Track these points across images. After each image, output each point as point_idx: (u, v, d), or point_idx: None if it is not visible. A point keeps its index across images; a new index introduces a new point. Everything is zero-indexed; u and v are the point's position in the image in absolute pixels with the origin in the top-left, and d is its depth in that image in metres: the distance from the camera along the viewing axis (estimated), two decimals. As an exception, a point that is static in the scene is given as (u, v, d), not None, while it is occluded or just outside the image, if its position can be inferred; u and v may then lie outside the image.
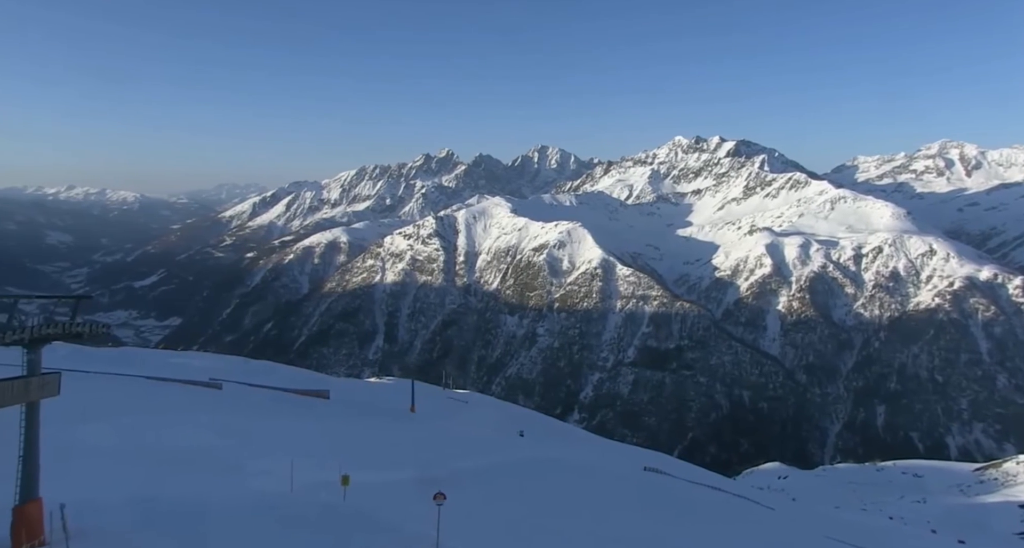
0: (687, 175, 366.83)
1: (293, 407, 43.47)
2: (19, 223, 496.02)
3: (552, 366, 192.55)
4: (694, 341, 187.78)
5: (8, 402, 11.80)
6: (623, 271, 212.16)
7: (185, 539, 13.61)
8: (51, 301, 16.33)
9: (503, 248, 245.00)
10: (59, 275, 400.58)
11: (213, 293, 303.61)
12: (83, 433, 23.12)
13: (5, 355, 13.05)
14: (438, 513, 15.12)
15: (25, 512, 11.96)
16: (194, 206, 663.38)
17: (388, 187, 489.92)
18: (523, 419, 63.83)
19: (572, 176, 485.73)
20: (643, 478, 38.99)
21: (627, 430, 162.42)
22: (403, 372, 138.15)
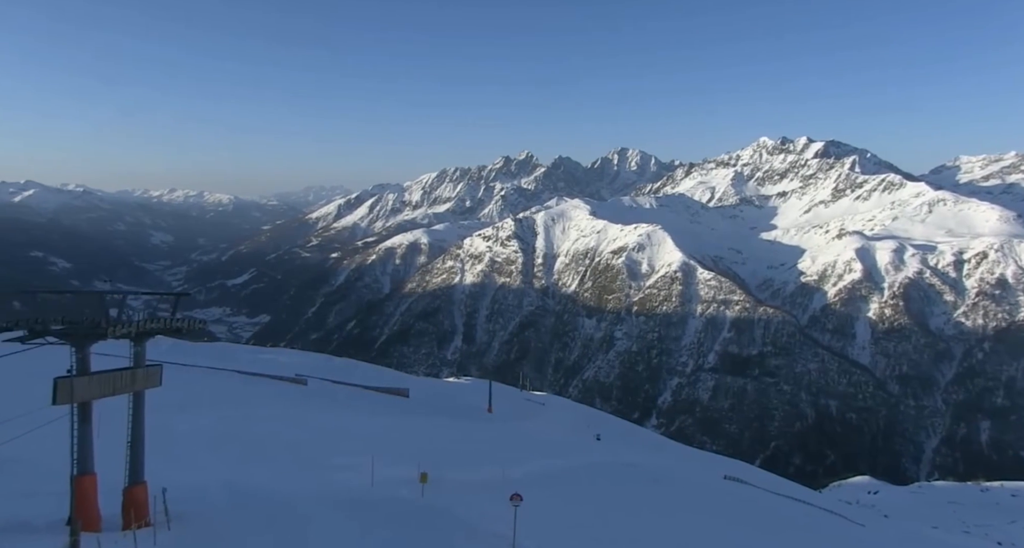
0: (772, 177, 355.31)
1: (374, 404, 44.64)
2: (128, 224, 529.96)
3: (630, 370, 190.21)
4: (778, 348, 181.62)
5: (118, 391, 12.65)
6: (704, 275, 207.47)
7: (273, 527, 14.20)
8: (154, 297, 17.36)
9: (581, 250, 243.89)
10: (161, 273, 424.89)
11: (300, 292, 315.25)
12: (180, 422, 24.47)
13: (112, 347, 13.95)
14: (514, 514, 15.20)
15: (133, 494, 12.79)
16: (283, 208, 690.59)
17: (468, 189, 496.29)
18: (600, 423, 63.38)
19: (652, 178, 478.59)
20: (723, 487, 38.01)
21: (706, 437, 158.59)
22: (481, 373, 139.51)
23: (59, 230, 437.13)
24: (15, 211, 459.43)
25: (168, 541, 11.95)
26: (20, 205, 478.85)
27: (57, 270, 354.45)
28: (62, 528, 10.84)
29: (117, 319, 12.56)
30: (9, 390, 19.37)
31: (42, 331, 12.00)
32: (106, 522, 12.36)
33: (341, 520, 15.17)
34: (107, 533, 11.63)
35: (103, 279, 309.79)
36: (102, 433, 12.66)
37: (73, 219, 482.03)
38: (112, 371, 12.65)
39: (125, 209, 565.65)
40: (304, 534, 13.92)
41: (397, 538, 14.49)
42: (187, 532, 12.68)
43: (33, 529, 11.31)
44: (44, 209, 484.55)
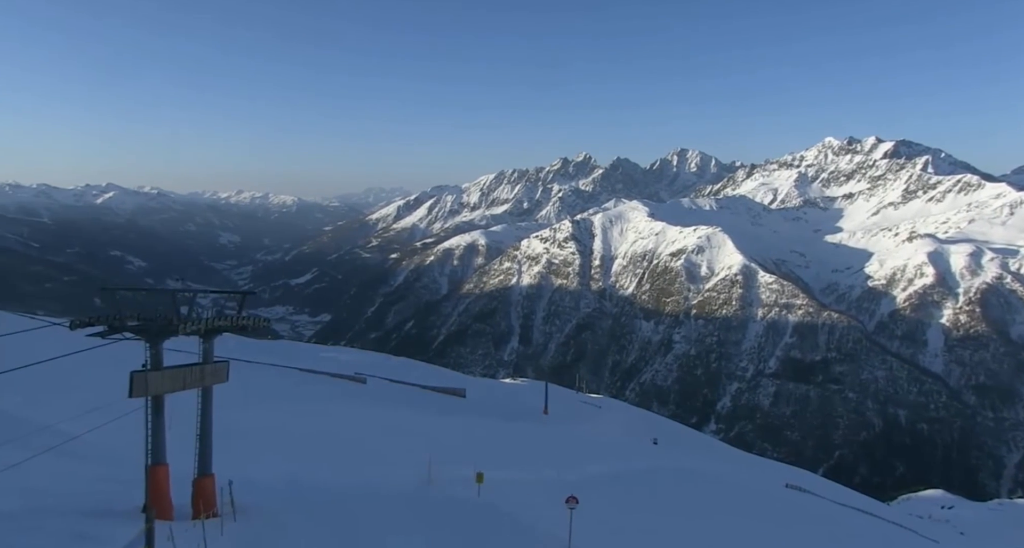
0: (837, 178, 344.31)
1: (431, 403, 45.12)
2: (198, 224, 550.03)
3: (688, 374, 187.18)
4: (843, 354, 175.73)
5: (188, 386, 13.13)
6: (765, 278, 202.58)
7: (332, 522, 14.50)
8: (222, 296, 17.97)
9: (639, 253, 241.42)
10: (228, 272, 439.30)
11: (360, 292, 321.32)
12: (244, 417, 25.22)
13: (182, 344, 14.48)
14: (570, 516, 15.14)
15: (202, 485, 13.26)
16: (344, 209, 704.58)
17: (525, 191, 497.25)
18: (657, 426, 62.53)
19: (712, 180, 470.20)
20: (784, 495, 37.00)
21: (767, 444, 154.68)
22: (537, 374, 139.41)
23: (136, 230, 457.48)
24: (97, 212, 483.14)
25: (234, 532, 12.33)
26: (102, 206, 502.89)
27: (133, 269, 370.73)
28: (138, 515, 11.31)
29: (188, 316, 13.04)
30: (91, 382, 20.33)
31: (119, 327, 12.55)
32: (177, 511, 12.85)
33: (399, 517, 15.38)
34: (178, 522, 12.07)
35: (175, 278, 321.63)
36: (172, 426, 13.16)
37: (148, 220, 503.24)
38: (182, 366, 13.14)
39: (196, 210, 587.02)
40: (362, 530, 14.17)
41: (453, 537, 14.60)
42: (252, 524, 13.06)
43: (114, 515, 11.83)
44: (123, 210, 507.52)
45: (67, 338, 12.91)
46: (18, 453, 13.00)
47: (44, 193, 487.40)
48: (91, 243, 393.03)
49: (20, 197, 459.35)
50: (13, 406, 20.48)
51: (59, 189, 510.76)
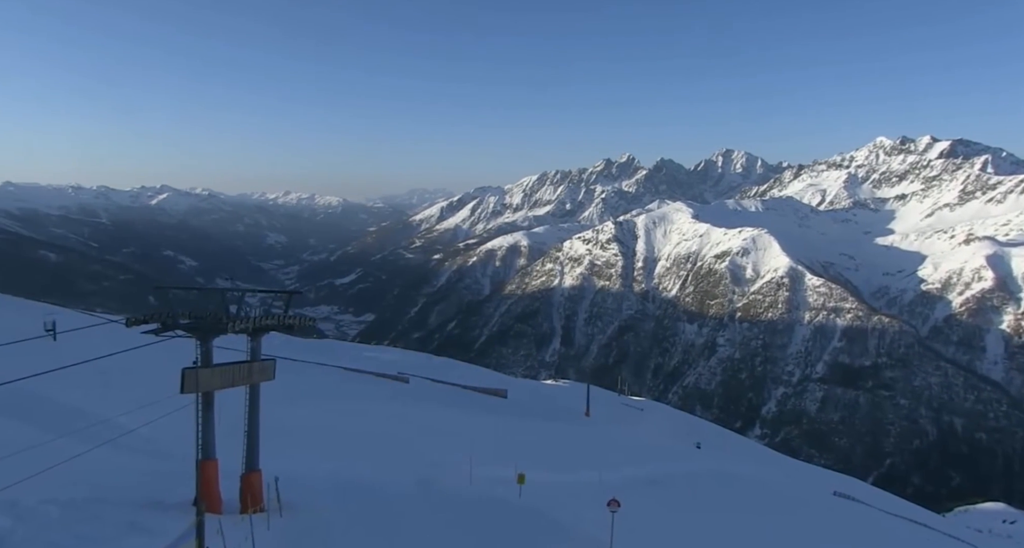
0: (889, 179, 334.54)
1: (473, 403, 45.30)
2: (247, 225, 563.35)
3: (732, 378, 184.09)
4: (894, 359, 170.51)
5: (236, 383, 13.46)
6: (813, 281, 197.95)
7: (375, 520, 14.68)
8: (269, 295, 18.38)
9: (683, 254, 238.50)
10: (275, 272, 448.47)
11: (403, 292, 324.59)
12: (290, 415, 25.70)
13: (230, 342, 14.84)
14: (612, 519, 15.03)
15: (250, 480, 13.58)
16: (388, 210, 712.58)
17: (568, 192, 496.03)
18: (700, 430, 61.70)
19: (758, 181, 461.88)
20: (832, 503, 36.11)
21: (814, 450, 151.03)
22: (579, 376, 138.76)
23: (187, 230, 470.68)
24: (152, 213, 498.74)
25: (280, 527, 12.58)
26: (156, 208, 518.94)
27: (185, 268, 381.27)
28: (189, 507, 11.62)
29: (236, 315, 13.36)
30: (145, 377, 20.98)
31: (172, 325, 12.93)
32: (225, 505, 13.17)
33: (440, 516, 15.48)
34: (226, 516, 12.37)
35: (224, 277, 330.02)
36: (221, 422, 13.50)
37: (199, 220, 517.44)
38: (231, 364, 13.47)
39: (244, 211, 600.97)
40: (404, 528, 14.31)
41: (494, 538, 14.64)
42: (297, 519, 13.31)
43: (165, 507, 12.19)
44: (175, 211, 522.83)
45: (123, 335, 13.33)
46: (79, 445, 13.51)
47: (103, 194, 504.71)
48: (146, 243, 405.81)
49: (81, 198, 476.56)
50: (74, 399, 21.27)
51: (117, 190, 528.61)
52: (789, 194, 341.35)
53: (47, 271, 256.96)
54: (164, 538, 9.00)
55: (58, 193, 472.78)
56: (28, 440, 13.51)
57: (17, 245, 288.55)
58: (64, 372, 12.57)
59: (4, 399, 15.43)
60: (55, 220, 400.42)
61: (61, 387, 20.52)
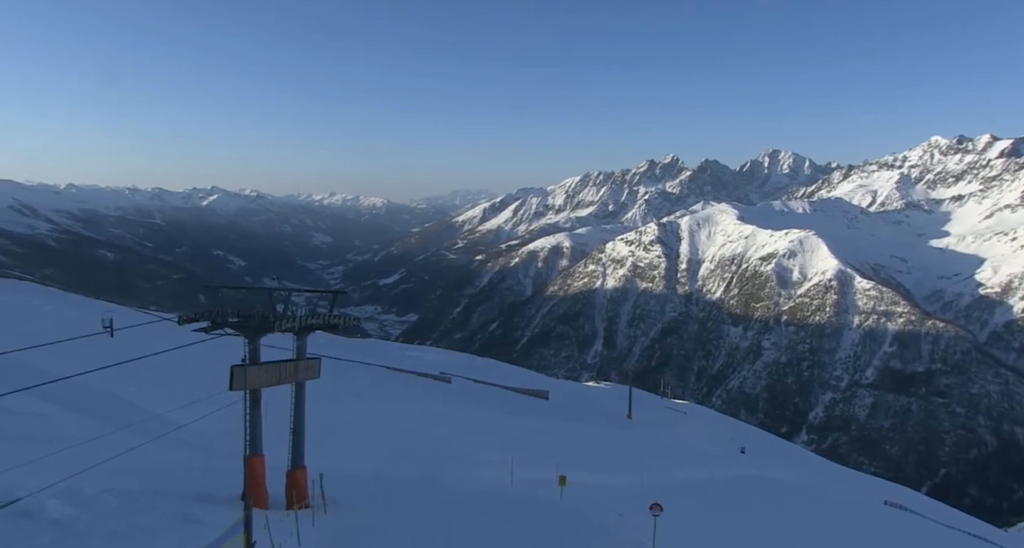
0: (945, 179, 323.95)
1: (514, 404, 45.39)
2: (293, 226, 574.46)
3: (778, 382, 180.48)
4: (949, 365, 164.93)
5: (283, 380, 13.73)
6: (862, 284, 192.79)
7: (417, 518, 14.81)
8: (314, 295, 18.73)
9: (728, 256, 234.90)
10: (321, 272, 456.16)
11: (445, 292, 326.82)
12: (334, 413, 26.12)
13: (276, 340, 15.17)
14: (654, 523, 14.91)
15: (295, 476, 13.85)
16: (431, 211, 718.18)
17: (611, 193, 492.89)
18: (745, 435, 60.67)
19: (806, 182, 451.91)
20: (882, 513, 35.10)
21: (863, 457, 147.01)
22: (621, 378, 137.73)
23: (237, 231, 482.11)
24: (202, 214, 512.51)
25: (325, 523, 12.79)
26: (206, 209, 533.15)
27: (234, 267, 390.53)
28: (237, 502, 11.91)
29: (283, 314, 13.64)
30: (195, 374, 21.57)
31: (221, 323, 13.28)
32: (271, 500, 13.46)
33: (481, 517, 15.54)
34: (273, 511, 12.64)
35: (271, 277, 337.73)
36: (268, 419, 13.80)
37: (248, 221, 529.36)
38: (279, 362, 13.76)
39: (291, 212, 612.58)
40: (445, 526, 14.41)
41: (535, 539, 14.63)
42: (341, 516, 13.52)
43: (215, 501, 12.52)
44: (225, 212, 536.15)
45: (175, 332, 13.73)
46: (135, 438, 13.97)
47: (157, 196, 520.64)
48: (197, 243, 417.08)
49: (137, 200, 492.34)
50: (129, 394, 22.02)
51: (170, 192, 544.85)
52: (838, 195, 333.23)
53: (105, 270, 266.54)
54: (214, 530, 9.22)
55: (116, 195, 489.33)
56: (89, 432, 14.03)
57: (79, 244, 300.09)
58: (120, 368, 13.01)
59: (67, 393, 16.06)
60: (113, 221, 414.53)
61: (118, 382, 21.27)
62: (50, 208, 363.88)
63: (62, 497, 10.34)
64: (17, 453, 11.80)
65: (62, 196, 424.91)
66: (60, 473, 10.35)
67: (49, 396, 16.18)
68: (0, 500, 9.50)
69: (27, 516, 9.62)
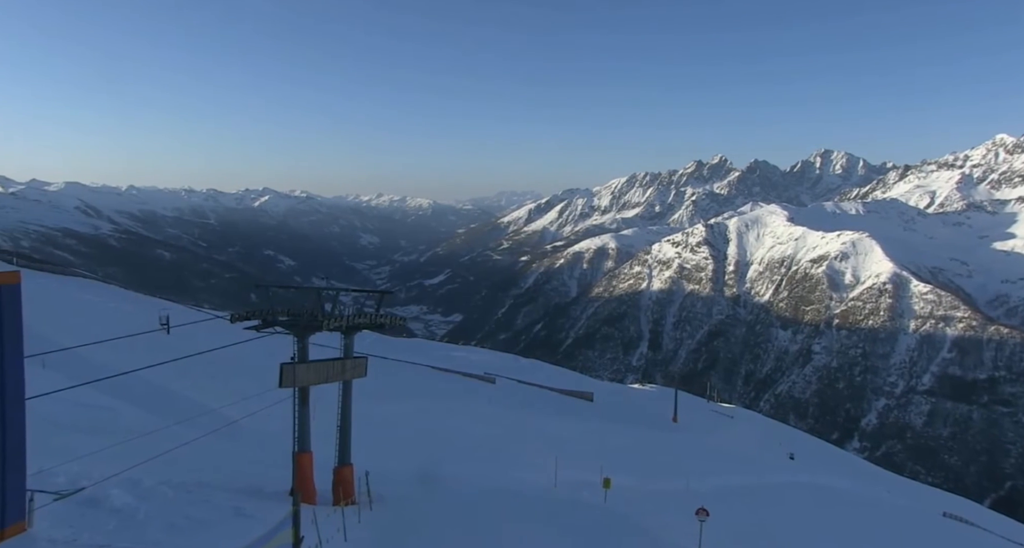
0: (1011, 179, 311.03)
1: (558, 406, 45.32)
2: (341, 226, 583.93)
3: (829, 387, 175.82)
4: (1014, 373, 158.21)
5: (331, 379, 13.99)
6: (919, 288, 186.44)
7: (461, 516, 14.91)
8: (362, 295, 19.02)
9: (777, 258, 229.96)
10: (368, 272, 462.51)
11: (490, 293, 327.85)
12: (380, 412, 26.48)
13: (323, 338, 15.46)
14: (700, 529, 14.72)
15: (342, 474, 14.10)
16: (477, 212, 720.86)
17: (658, 194, 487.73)
18: (794, 441, 59.36)
19: (860, 182, 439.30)
20: (941, 525, 33.92)
21: (920, 467, 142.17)
22: (666, 380, 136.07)
23: (286, 231, 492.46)
24: (254, 214, 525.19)
25: (371, 520, 12.98)
26: (258, 209, 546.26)
27: (284, 267, 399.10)
28: (286, 497, 12.19)
29: (331, 313, 13.91)
30: (247, 371, 22.14)
31: (272, 321, 13.62)
32: (319, 497, 13.73)
33: (525, 518, 15.56)
34: (320, 507, 12.89)
35: (320, 277, 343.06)
36: (317, 417, 14.09)
37: (298, 221, 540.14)
38: (326, 360, 14.03)
39: (339, 212, 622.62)
40: (490, 527, 14.47)
41: (578, 541, 14.58)
42: (386, 514, 13.70)
43: (264, 495, 12.84)
44: (276, 212, 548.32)
45: (227, 329, 14.13)
46: (190, 432, 14.42)
47: (211, 197, 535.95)
48: (248, 243, 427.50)
49: (193, 201, 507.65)
50: (184, 389, 22.71)
51: (224, 193, 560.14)
52: (893, 196, 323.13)
53: (162, 268, 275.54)
54: (264, 525, 9.46)
55: (173, 196, 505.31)
56: (147, 425, 14.53)
57: (138, 244, 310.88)
58: (175, 364, 13.44)
59: (128, 387, 16.65)
60: (170, 221, 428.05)
61: (174, 378, 21.97)
62: (112, 209, 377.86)
63: (124, 487, 10.76)
64: (83, 444, 12.31)
65: (123, 197, 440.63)
66: (122, 464, 10.77)
67: (111, 390, 16.80)
68: (68, 488, 9.93)
69: (93, 504, 10.05)
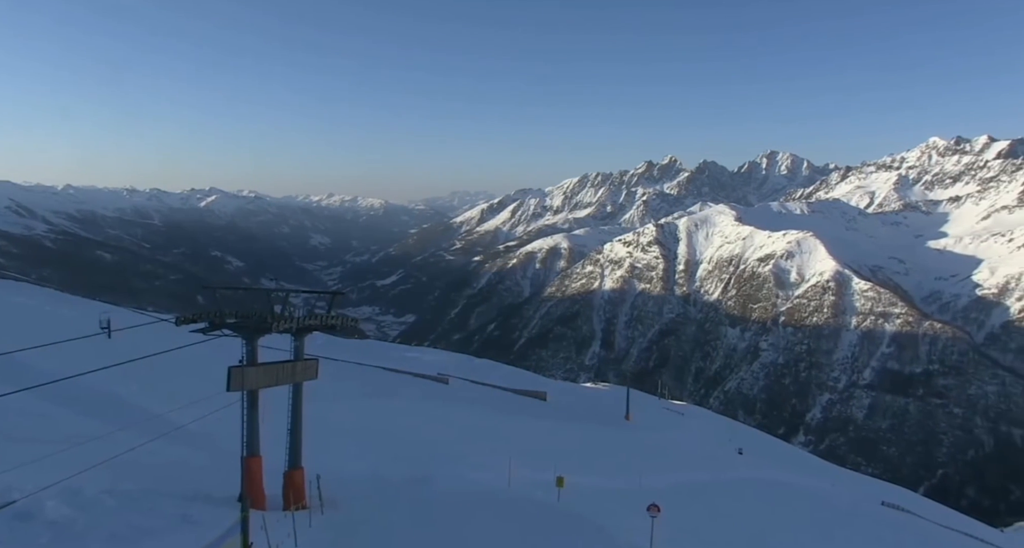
0: (942, 180, 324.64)
1: (512, 405, 45.37)
2: (292, 227, 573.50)
3: (776, 383, 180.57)
4: (947, 366, 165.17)
5: (281, 381, 13.74)
6: (860, 285, 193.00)
7: (415, 519, 14.81)
8: (313, 296, 18.74)
9: (726, 257, 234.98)
10: (319, 273, 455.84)
11: (443, 293, 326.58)
12: (332, 414, 26.11)
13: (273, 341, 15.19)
14: (652, 525, 14.91)
15: (293, 477, 13.85)
16: (430, 212, 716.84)
17: (609, 194, 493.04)
18: (742, 436, 60.78)
19: (804, 183, 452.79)
20: (880, 514, 35.13)
21: (861, 458, 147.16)
22: (619, 379, 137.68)
23: (235, 232, 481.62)
24: (201, 215, 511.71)
25: (322, 524, 12.80)
26: (205, 209, 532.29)
27: (232, 268, 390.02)
28: (235, 503, 11.91)
29: (281, 315, 13.65)
30: (194, 375, 21.57)
31: (220, 324, 13.29)
32: (269, 501, 13.46)
33: (478, 518, 15.54)
34: (270, 512, 12.65)
35: (270, 278, 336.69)
36: (266, 420, 13.81)
37: (246, 222, 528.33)
38: (276, 363, 13.77)
39: (289, 213, 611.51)
40: (443, 527, 14.41)
41: (532, 540, 14.63)
42: (338, 517, 13.52)
43: (213, 501, 12.53)
44: (223, 213, 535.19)
45: (173, 333, 13.74)
46: (135, 438, 13.98)
47: (155, 197, 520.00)
48: (195, 244, 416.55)
49: (135, 201, 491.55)
50: (129, 394, 22.00)
51: (168, 193, 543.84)
52: (836, 196, 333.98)
53: (103, 270, 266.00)
54: (213, 531, 9.25)
55: (114, 195, 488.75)
56: (89, 432, 14.03)
57: (76, 245, 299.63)
58: (120, 368, 13.01)
59: (67, 393, 16.05)
60: (111, 221, 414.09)
61: (117, 382, 21.26)
62: (47, 209, 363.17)
63: (61, 498, 10.35)
64: (17, 453, 11.81)
65: (60, 197, 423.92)
66: (59, 473, 10.36)
67: (50, 396, 16.19)
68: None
69: (25, 518, 9.62)
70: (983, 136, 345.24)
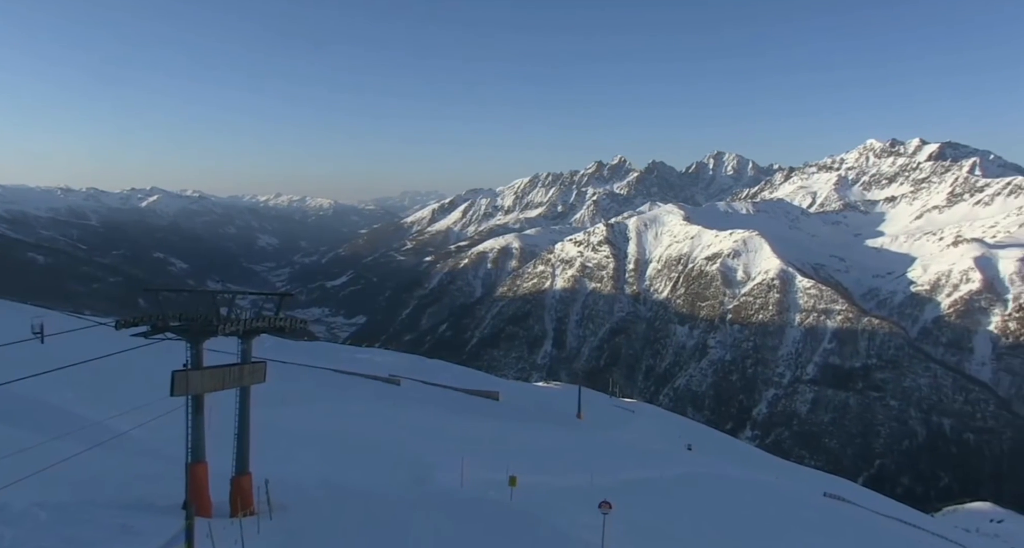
0: (879, 181, 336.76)
1: (465, 406, 45.29)
2: (238, 227, 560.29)
3: (724, 379, 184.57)
4: (884, 360, 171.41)
5: (227, 385, 13.40)
6: (803, 283, 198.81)
7: (367, 522, 14.65)
8: (260, 297, 18.34)
9: (675, 256, 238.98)
10: (267, 274, 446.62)
11: (395, 294, 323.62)
12: (281, 418, 25.62)
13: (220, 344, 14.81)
14: (603, 522, 15.06)
15: (240, 483, 13.52)
16: (380, 212, 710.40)
17: (560, 194, 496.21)
18: (692, 432, 61.93)
19: (750, 183, 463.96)
20: (823, 504, 36.29)
21: (804, 451, 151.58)
22: (570, 378, 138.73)
23: (178, 233, 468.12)
24: (142, 215, 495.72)
25: (270, 530, 12.54)
26: (147, 210, 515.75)
27: (175, 270, 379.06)
28: (180, 511, 11.57)
29: (227, 317, 13.32)
30: (136, 380, 20.87)
31: (162, 327, 12.90)
32: (216, 508, 13.11)
33: (431, 519, 15.47)
34: (217, 519, 12.32)
35: (215, 279, 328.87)
36: (212, 425, 13.45)
37: (190, 223, 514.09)
38: (222, 366, 13.43)
39: (235, 213, 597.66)
40: (396, 531, 14.29)
41: (486, 540, 14.63)
42: (288, 522, 13.27)
43: (156, 510, 12.14)
44: (166, 213, 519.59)
45: (113, 337, 13.28)
46: (71, 447, 13.42)
47: (93, 197, 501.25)
48: (136, 245, 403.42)
49: (70, 200, 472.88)
50: (65, 401, 21.15)
51: (107, 193, 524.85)
52: (780, 197, 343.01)
53: (35, 273, 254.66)
54: (154, 541, 8.97)
55: (47, 195, 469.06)
56: (18, 443, 13.41)
57: (5, 247, 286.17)
58: (54, 375, 12.50)
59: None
60: (44, 222, 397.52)
61: (51, 390, 20.42)
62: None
63: (-11, 512, 9.87)
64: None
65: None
66: (-13, 487, 9.87)
67: (-24, 406, 15.44)
68: None
69: (-53, 534, 9.15)
70: (916, 139, 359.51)
